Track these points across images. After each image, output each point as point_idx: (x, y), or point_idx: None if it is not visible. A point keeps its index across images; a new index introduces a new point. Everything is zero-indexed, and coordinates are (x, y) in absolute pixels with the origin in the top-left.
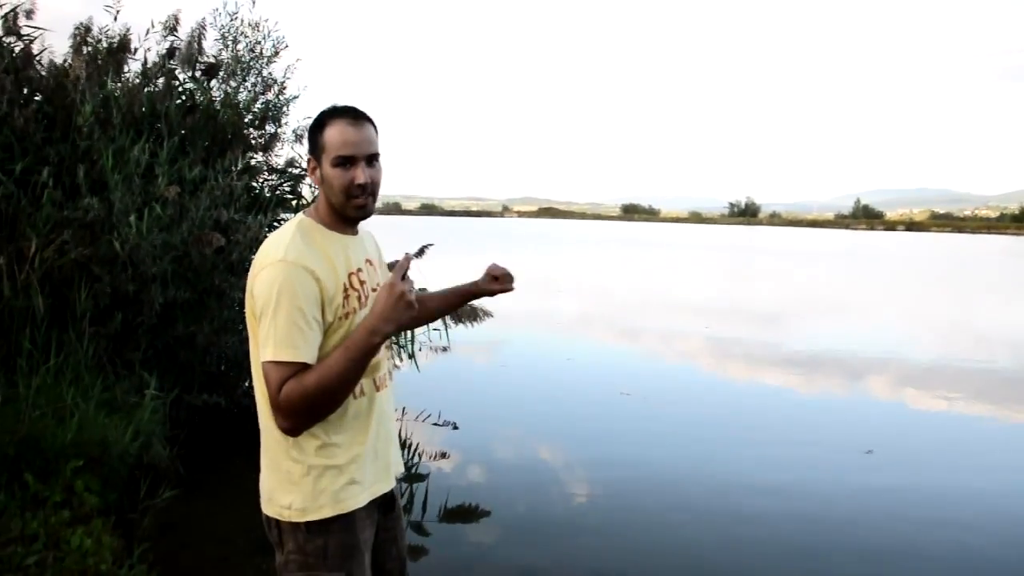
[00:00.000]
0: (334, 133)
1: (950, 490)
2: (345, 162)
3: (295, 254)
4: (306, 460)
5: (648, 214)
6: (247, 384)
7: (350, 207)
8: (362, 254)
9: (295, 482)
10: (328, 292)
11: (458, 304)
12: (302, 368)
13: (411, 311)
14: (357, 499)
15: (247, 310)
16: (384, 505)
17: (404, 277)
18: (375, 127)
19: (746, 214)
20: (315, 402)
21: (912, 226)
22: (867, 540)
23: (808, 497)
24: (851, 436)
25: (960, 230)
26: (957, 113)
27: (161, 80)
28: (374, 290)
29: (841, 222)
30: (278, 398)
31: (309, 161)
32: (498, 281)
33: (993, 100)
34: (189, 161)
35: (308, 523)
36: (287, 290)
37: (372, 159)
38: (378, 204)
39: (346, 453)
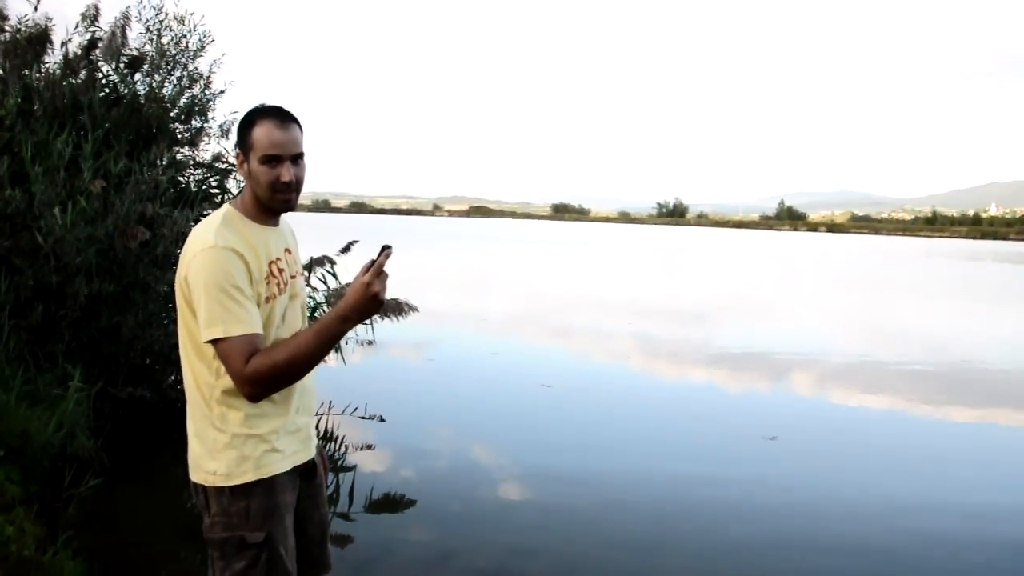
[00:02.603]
0: (262, 132)
1: (843, 472)
2: (272, 160)
3: (224, 240)
4: (230, 429)
5: (578, 214)
6: (172, 377)
7: (276, 201)
8: (282, 244)
9: (220, 450)
10: (255, 276)
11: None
12: (255, 338)
13: (380, 307)
14: (277, 465)
15: (179, 297)
16: (306, 473)
17: (380, 273)
18: (300, 127)
19: (674, 214)
20: (283, 376)
21: (833, 227)
22: (767, 515)
23: (714, 478)
24: (758, 425)
25: (877, 231)
26: (879, 119)
27: (84, 72)
28: (292, 277)
29: (765, 223)
30: (244, 370)
31: (237, 155)
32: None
33: (913, 107)
34: (114, 154)
35: (232, 487)
36: (222, 272)
37: (297, 158)
38: (307, 202)
39: (268, 424)
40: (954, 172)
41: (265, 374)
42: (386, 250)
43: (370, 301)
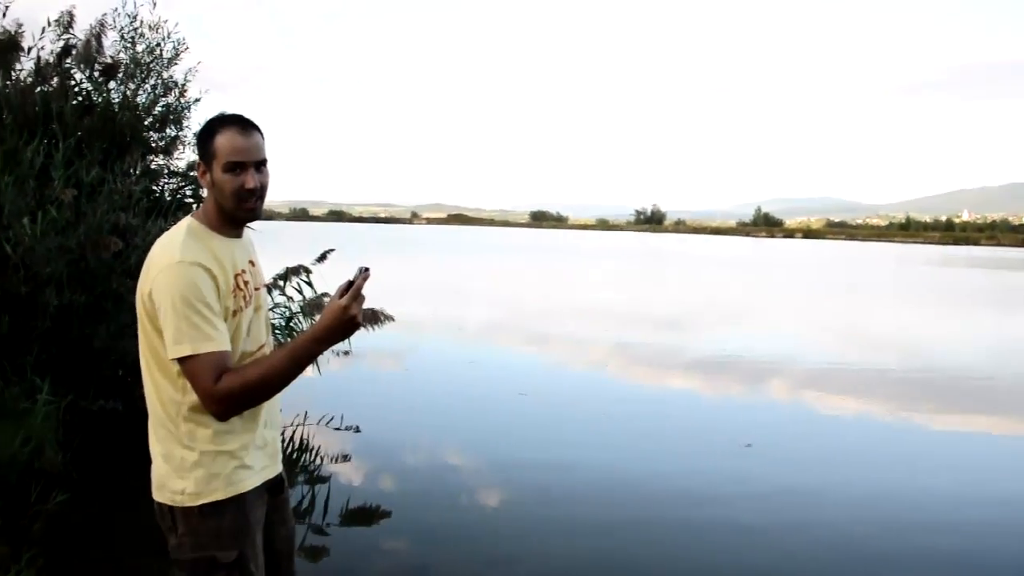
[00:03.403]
0: (224, 140)
1: (819, 478)
2: (236, 168)
3: (191, 254)
4: (198, 447)
5: (557, 221)
6: None
7: (241, 210)
8: (245, 256)
9: (188, 469)
10: (222, 289)
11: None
12: (224, 355)
13: (357, 329)
14: (248, 482)
15: (140, 313)
16: (273, 488)
17: (357, 296)
18: (262, 134)
19: (652, 221)
20: (254, 395)
21: (809, 233)
22: (743, 523)
23: (691, 485)
24: (734, 432)
25: (852, 237)
26: (853, 126)
27: (56, 79)
28: (257, 289)
29: (743, 229)
30: (214, 388)
31: (199, 165)
32: None
33: (887, 114)
34: (86, 163)
35: (201, 506)
36: (190, 288)
37: (260, 165)
38: (285, 210)
39: (237, 440)
40: (925, 178)
41: (236, 393)
42: (363, 272)
43: (347, 324)
